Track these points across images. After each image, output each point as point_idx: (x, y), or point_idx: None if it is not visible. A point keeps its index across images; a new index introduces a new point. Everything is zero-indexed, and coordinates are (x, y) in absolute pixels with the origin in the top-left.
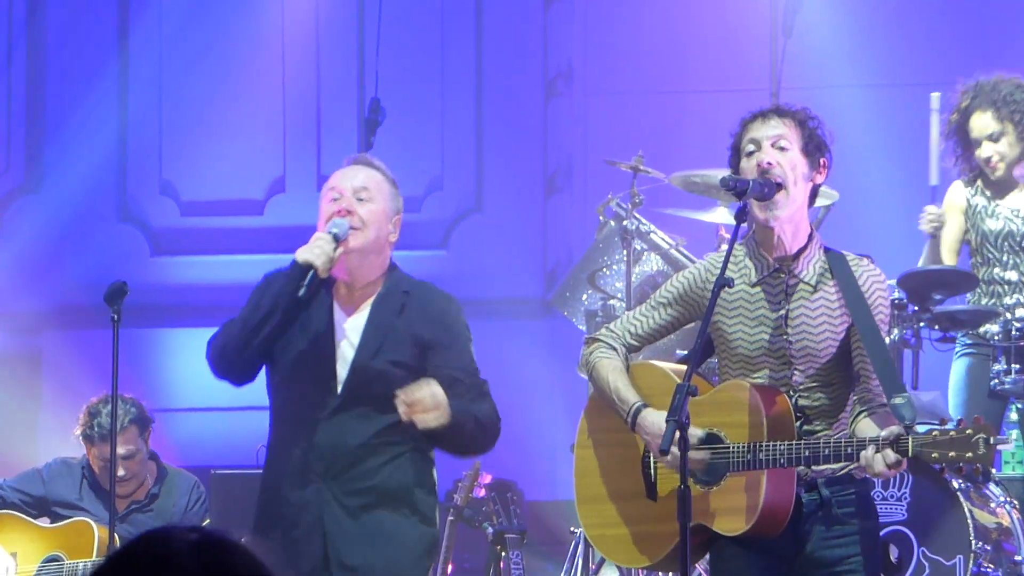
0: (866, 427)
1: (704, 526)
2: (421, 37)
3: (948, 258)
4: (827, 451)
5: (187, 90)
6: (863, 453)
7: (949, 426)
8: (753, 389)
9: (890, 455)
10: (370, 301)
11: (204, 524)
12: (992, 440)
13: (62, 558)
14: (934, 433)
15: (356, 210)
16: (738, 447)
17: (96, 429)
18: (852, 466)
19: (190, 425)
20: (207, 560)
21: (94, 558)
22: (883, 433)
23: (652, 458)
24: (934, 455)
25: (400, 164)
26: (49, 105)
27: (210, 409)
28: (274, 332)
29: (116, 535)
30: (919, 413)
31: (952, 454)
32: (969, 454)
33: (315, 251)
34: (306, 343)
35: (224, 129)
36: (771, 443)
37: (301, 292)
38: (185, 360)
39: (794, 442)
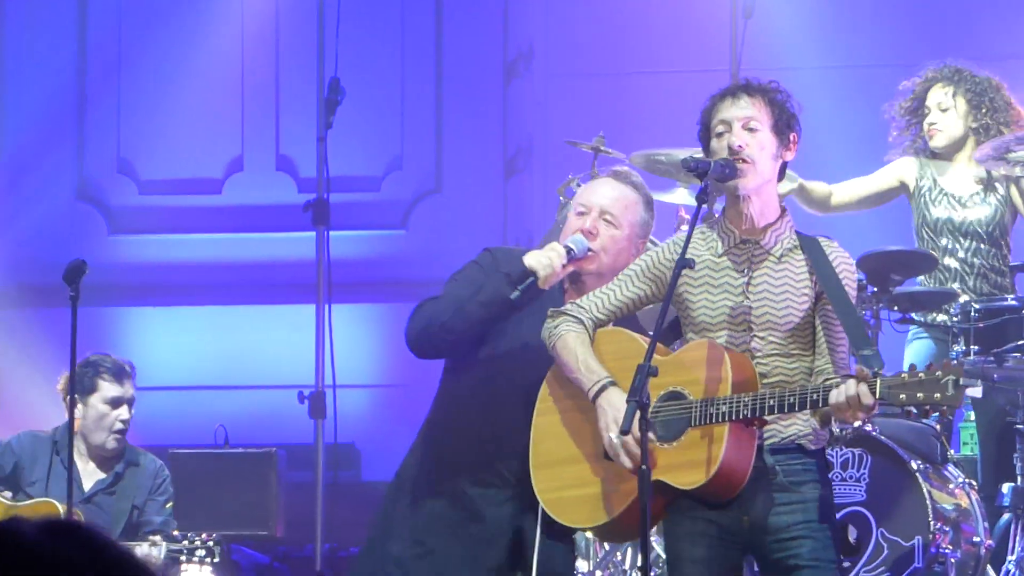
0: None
1: (663, 483)
2: (381, 16)
3: (847, 197)
4: (792, 399)
5: (146, 68)
6: (833, 391)
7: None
8: (714, 345)
9: (866, 393)
10: None
11: (167, 507)
12: (961, 382)
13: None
14: (903, 375)
15: (600, 232)
16: (700, 401)
17: (101, 370)
18: (806, 432)
19: (147, 404)
20: (57, 543)
21: None
22: (853, 372)
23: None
24: (902, 396)
25: (359, 144)
26: (7, 82)
27: (167, 388)
28: (485, 325)
29: (82, 514)
30: None
31: (920, 395)
32: (938, 395)
33: (543, 260)
34: (519, 342)
35: (182, 108)
36: (734, 395)
37: (514, 295)
38: (142, 339)
39: (757, 393)
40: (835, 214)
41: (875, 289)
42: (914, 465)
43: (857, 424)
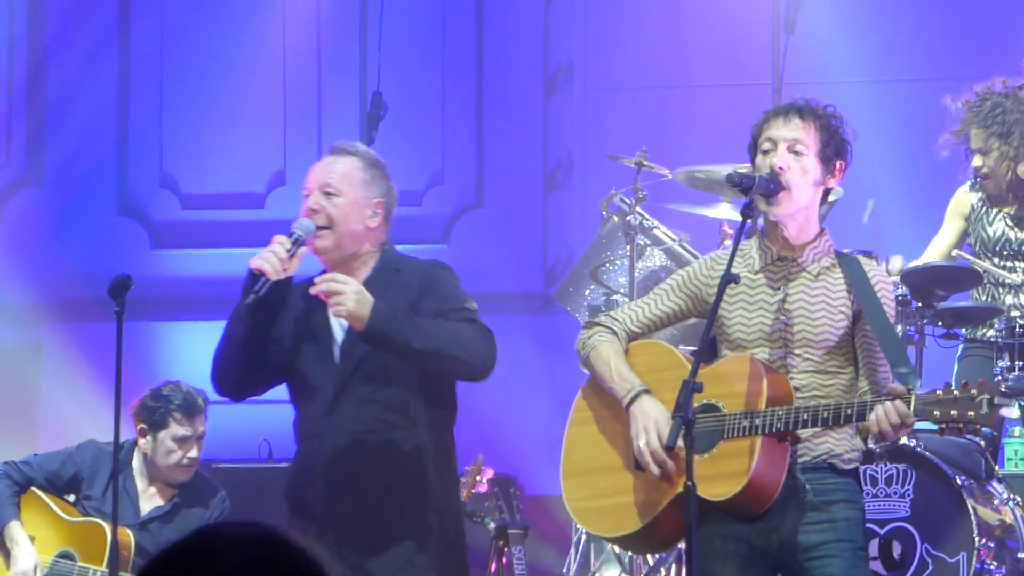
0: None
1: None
2: (423, 31)
3: (940, 247)
4: (826, 414)
5: (188, 82)
6: (875, 413)
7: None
8: (754, 360)
9: (902, 408)
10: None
11: None
12: (996, 400)
13: (75, 556)
14: (938, 392)
15: (323, 207)
16: (734, 414)
17: (172, 407)
18: (838, 451)
19: None
20: (262, 554)
21: (104, 564)
22: (886, 389)
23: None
24: (936, 413)
25: (401, 158)
26: (50, 97)
27: (211, 403)
28: (253, 340)
29: (133, 538)
30: None
31: (954, 412)
32: (971, 413)
33: (265, 255)
34: (306, 338)
35: (225, 122)
36: (768, 409)
37: (250, 299)
38: (185, 353)
39: (791, 406)
40: None
41: (919, 304)
42: (959, 481)
43: (902, 440)
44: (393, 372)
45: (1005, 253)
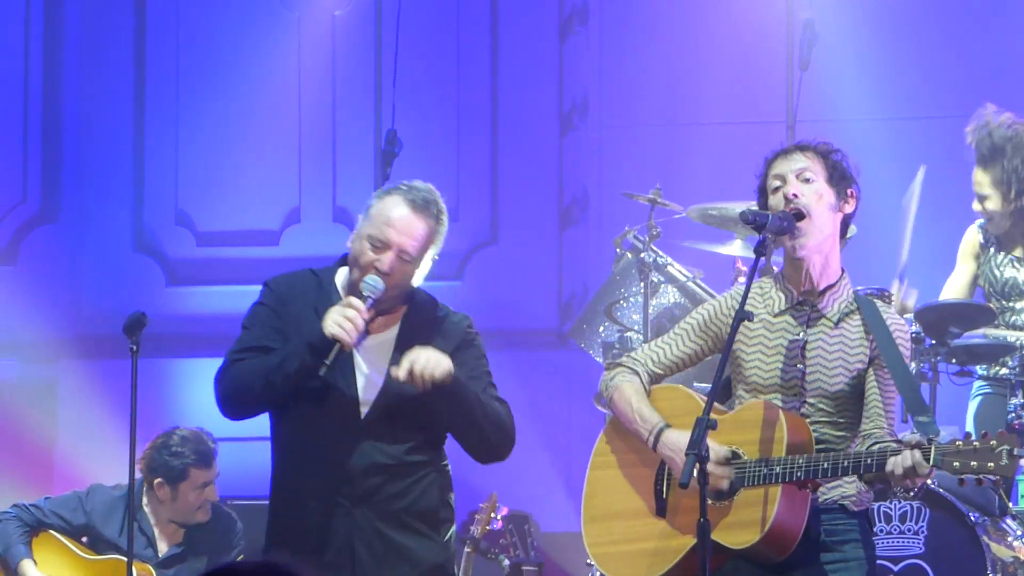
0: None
1: (715, 542)
2: (437, 69)
3: (956, 286)
4: (846, 463)
5: (203, 120)
6: (890, 459)
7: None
8: (774, 406)
9: (921, 462)
10: (396, 323)
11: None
12: (1016, 451)
13: None
14: (957, 443)
15: (395, 271)
16: (754, 461)
17: (188, 461)
18: (849, 494)
19: None
20: None
21: None
22: (905, 438)
23: (667, 475)
24: (955, 464)
25: None
26: (65, 135)
27: (226, 439)
28: (293, 389)
29: (150, 570)
30: None
31: (974, 464)
32: (991, 464)
33: (345, 326)
34: (324, 382)
35: (240, 159)
36: (788, 457)
37: (323, 371)
38: (200, 390)
39: (812, 455)
40: None
41: (933, 342)
42: (972, 518)
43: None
44: (418, 415)
45: (1014, 295)
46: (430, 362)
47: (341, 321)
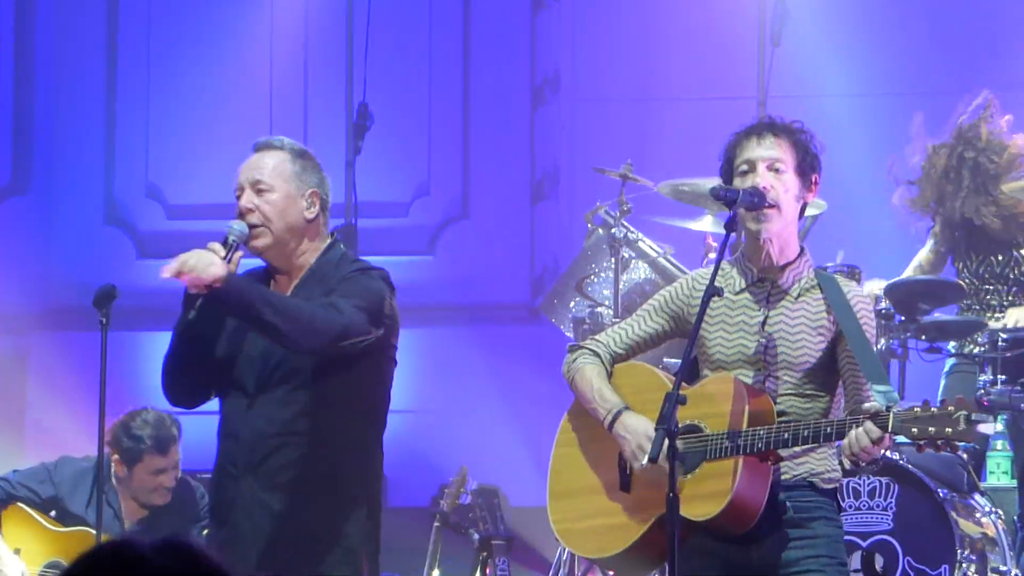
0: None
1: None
2: (409, 42)
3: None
4: (807, 432)
5: (174, 93)
6: (847, 427)
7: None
8: (737, 380)
9: (873, 429)
10: (289, 288)
11: (203, 535)
12: (973, 417)
13: (63, 566)
14: (915, 409)
15: (256, 205)
16: (716, 434)
17: (144, 445)
18: (818, 471)
19: (184, 429)
20: (170, 562)
21: None
22: (864, 406)
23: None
24: (914, 430)
25: (387, 169)
26: (37, 107)
27: (196, 413)
28: (197, 347)
29: None
30: None
31: (932, 429)
32: (949, 430)
33: (200, 268)
34: (232, 337)
35: (211, 133)
36: (750, 429)
37: (191, 316)
38: None
39: (772, 426)
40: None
41: (903, 319)
42: (941, 494)
43: (886, 453)
44: (312, 375)
45: (987, 276)
46: (201, 262)
47: (195, 267)
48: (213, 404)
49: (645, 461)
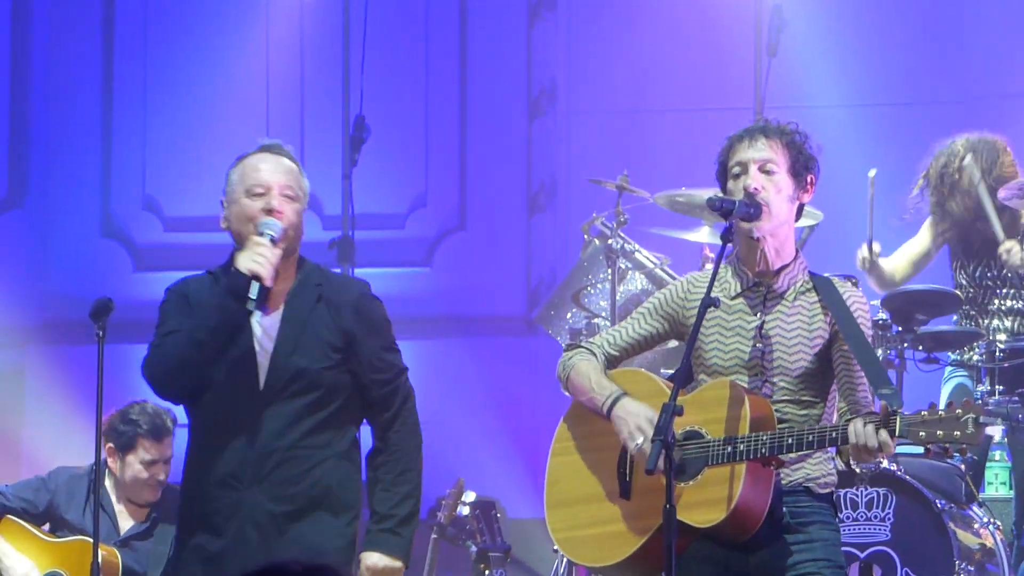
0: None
1: (680, 522)
2: (406, 55)
3: (903, 266)
4: (811, 437)
5: (171, 106)
6: (852, 429)
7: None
8: (735, 384)
9: (881, 432)
10: (280, 305)
11: None
12: (981, 419)
13: (62, 575)
14: (922, 413)
15: (285, 211)
16: (717, 440)
17: (139, 431)
18: (814, 476)
19: (178, 440)
20: None
21: None
22: (876, 410)
23: (629, 457)
24: (921, 434)
25: (384, 181)
26: (33, 119)
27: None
28: (221, 346)
29: (120, 557)
30: None
31: (940, 433)
32: (957, 433)
33: (259, 260)
34: (227, 347)
35: (208, 145)
36: (752, 434)
37: (251, 306)
38: None
39: (776, 431)
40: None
41: (900, 328)
42: (939, 505)
43: (883, 464)
44: (322, 388)
45: (986, 279)
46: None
47: (255, 256)
48: None
49: (632, 446)
